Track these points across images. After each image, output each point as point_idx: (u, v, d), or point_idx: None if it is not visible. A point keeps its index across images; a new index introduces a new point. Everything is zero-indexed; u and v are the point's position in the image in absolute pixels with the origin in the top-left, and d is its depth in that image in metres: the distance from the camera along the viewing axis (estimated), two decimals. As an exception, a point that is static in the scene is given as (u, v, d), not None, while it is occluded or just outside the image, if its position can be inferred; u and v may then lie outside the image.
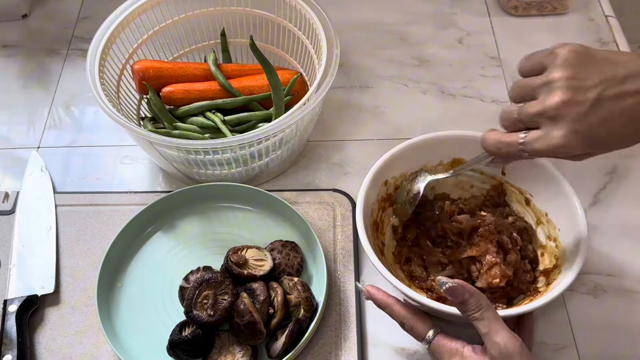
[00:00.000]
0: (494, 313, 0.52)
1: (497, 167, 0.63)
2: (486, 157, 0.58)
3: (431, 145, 0.68)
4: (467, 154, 0.67)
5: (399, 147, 0.67)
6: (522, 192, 0.68)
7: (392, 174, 0.68)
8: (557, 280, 0.60)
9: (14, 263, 0.72)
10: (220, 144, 0.66)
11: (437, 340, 0.56)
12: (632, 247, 0.71)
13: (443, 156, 0.69)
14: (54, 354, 0.66)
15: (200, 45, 0.87)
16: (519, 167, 0.67)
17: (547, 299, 0.56)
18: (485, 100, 0.86)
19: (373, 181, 0.65)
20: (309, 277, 0.70)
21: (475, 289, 0.52)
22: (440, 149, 0.69)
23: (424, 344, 0.57)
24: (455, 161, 0.69)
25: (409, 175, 0.68)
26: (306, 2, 0.78)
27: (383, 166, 0.66)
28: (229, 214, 0.75)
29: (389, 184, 0.68)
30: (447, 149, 0.68)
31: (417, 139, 0.67)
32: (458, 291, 0.52)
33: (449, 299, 0.53)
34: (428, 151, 0.68)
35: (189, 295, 0.63)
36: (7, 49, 0.97)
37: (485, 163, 0.59)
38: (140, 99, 0.83)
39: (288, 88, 0.77)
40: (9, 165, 0.83)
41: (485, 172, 0.70)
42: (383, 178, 0.67)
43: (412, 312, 0.58)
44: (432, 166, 0.69)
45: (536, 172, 0.65)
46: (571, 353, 0.64)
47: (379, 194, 0.67)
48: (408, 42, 0.94)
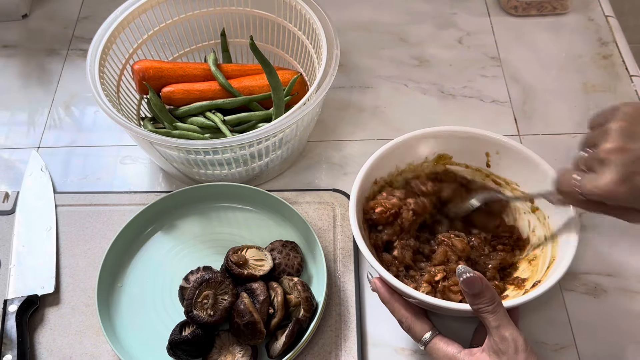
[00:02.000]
0: (504, 309, 0.53)
1: (562, 205, 0.63)
2: (552, 194, 0.60)
3: (416, 142, 0.69)
4: (451, 148, 0.69)
5: (385, 147, 0.67)
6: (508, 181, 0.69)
7: (380, 174, 0.68)
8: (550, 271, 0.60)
9: (14, 263, 0.72)
10: (220, 144, 0.66)
11: (434, 342, 0.57)
12: (632, 247, 0.71)
13: (428, 153, 0.70)
14: (54, 354, 0.66)
15: (200, 45, 0.87)
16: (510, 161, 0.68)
17: (538, 292, 0.56)
18: (485, 100, 0.86)
19: (364, 181, 0.66)
20: (309, 277, 0.70)
21: (489, 283, 0.53)
22: (424, 146, 0.69)
23: (421, 345, 0.58)
24: (440, 157, 0.70)
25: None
26: (306, 2, 0.78)
27: (372, 166, 0.67)
28: (229, 214, 0.75)
29: (378, 182, 0.69)
30: (431, 145, 0.69)
31: (404, 137, 0.68)
32: (476, 282, 0.53)
33: (464, 290, 0.53)
34: (413, 149, 0.69)
35: (189, 295, 0.63)
36: (7, 49, 0.97)
37: (552, 198, 0.61)
38: (140, 99, 0.83)
39: (288, 88, 0.77)
40: (9, 165, 0.83)
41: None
42: (373, 177, 0.68)
43: (412, 312, 0.59)
44: (418, 163, 0.70)
45: (530, 170, 0.66)
46: (571, 353, 0.64)
47: (369, 192, 0.68)
48: (408, 42, 0.94)
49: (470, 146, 0.69)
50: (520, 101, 0.86)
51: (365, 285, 0.69)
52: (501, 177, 0.69)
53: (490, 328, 0.53)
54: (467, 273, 0.53)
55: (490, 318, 0.53)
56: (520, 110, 0.85)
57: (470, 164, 0.70)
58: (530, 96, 0.86)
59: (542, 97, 0.86)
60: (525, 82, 0.88)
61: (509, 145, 0.67)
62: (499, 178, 0.69)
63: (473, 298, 0.53)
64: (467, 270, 0.53)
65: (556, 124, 0.83)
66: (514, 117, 0.84)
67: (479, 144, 0.69)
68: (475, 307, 0.53)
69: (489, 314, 0.53)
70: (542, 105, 0.85)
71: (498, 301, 0.53)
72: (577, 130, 0.82)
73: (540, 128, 0.83)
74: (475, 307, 0.53)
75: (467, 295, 0.53)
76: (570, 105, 0.85)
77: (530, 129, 0.83)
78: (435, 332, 0.57)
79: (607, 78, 0.87)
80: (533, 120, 0.83)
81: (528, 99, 0.86)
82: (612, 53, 0.90)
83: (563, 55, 0.90)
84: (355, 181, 0.65)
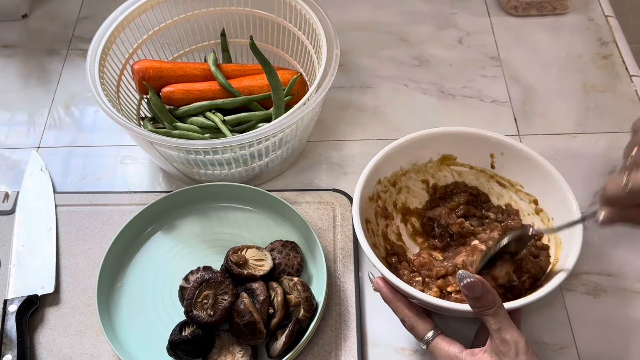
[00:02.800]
0: (505, 311, 0.53)
1: (604, 225, 0.55)
2: (593, 214, 0.54)
3: (420, 143, 0.69)
4: (455, 149, 0.70)
5: (390, 147, 0.68)
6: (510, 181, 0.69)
7: (384, 173, 0.69)
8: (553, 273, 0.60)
9: (14, 263, 0.72)
10: (220, 144, 0.66)
11: (436, 342, 0.57)
12: (632, 247, 0.71)
13: (432, 153, 0.70)
14: (54, 354, 0.66)
15: (200, 45, 0.87)
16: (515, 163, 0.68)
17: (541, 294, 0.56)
18: (485, 100, 0.86)
19: (368, 180, 0.66)
20: (309, 277, 0.70)
21: (490, 287, 0.53)
22: (429, 147, 0.70)
23: (423, 344, 0.58)
24: (444, 157, 0.70)
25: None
26: (306, 2, 0.78)
27: (377, 165, 0.67)
28: (229, 214, 0.75)
29: (382, 182, 0.69)
30: (436, 146, 0.70)
31: (408, 137, 0.68)
32: (477, 287, 0.52)
33: (465, 293, 0.53)
34: (417, 149, 0.69)
35: (189, 295, 0.63)
36: (7, 49, 0.97)
37: (593, 220, 0.55)
38: (140, 99, 0.83)
39: (288, 88, 0.77)
40: (9, 165, 0.83)
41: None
42: (377, 177, 0.68)
43: (414, 311, 0.59)
44: (422, 164, 0.71)
45: (535, 172, 0.66)
46: (571, 353, 0.64)
47: (373, 192, 0.68)
48: (408, 42, 0.94)
49: (474, 147, 0.69)
50: (520, 101, 0.86)
51: (365, 285, 0.69)
52: (505, 179, 0.69)
53: (492, 330, 0.53)
54: (468, 278, 0.53)
55: (491, 320, 0.53)
56: (520, 110, 0.85)
57: (475, 165, 0.70)
58: (530, 96, 0.86)
59: (542, 97, 0.86)
60: (525, 82, 0.88)
61: (514, 147, 0.67)
62: (503, 179, 0.69)
63: (474, 301, 0.53)
64: (468, 275, 0.53)
65: (556, 124, 0.83)
66: (514, 117, 0.84)
67: (483, 145, 0.69)
68: (476, 309, 0.54)
69: (490, 317, 0.53)
70: (542, 105, 0.85)
71: (499, 304, 0.53)
72: (577, 130, 0.82)
73: (540, 128, 0.83)
74: (477, 310, 0.53)
75: (468, 299, 0.54)
76: (570, 105, 0.85)
77: (530, 129, 0.83)
78: (437, 331, 0.58)
79: (607, 78, 0.87)
80: (533, 120, 0.83)
81: (528, 99, 0.86)
82: (612, 53, 0.90)
83: (563, 55, 0.90)
84: (359, 180, 0.65)
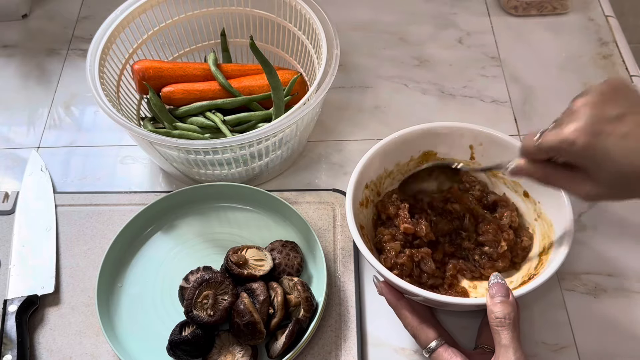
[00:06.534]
0: (519, 332, 0.53)
1: (512, 176, 0.62)
2: (506, 165, 0.58)
3: (401, 142, 0.69)
4: (435, 145, 0.70)
5: (370, 152, 0.67)
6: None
7: (370, 177, 0.68)
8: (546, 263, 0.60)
9: (14, 263, 0.72)
10: (220, 144, 0.66)
11: (439, 352, 0.56)
12: (632, 247, 0.71)
13: (413, 151, 0.71)
14: (54, 354, 0.66)
15: (200, 45, 0.87)
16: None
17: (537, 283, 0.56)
18: (485, 100, 0.86)
19: (356, 187, 0.65)
20: (309, 277, 0.70)
21: (515, 301, 0.53)
22: (410, 145, 0.70)
23: (425, 353, 0.58)
24: (425, 154, 0.71)
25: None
26: (306, 2, 0.78)
27: (362, 171, 0.66)
28: (229, 214, 0.75)
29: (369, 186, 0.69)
30: (418, 143, 0.70)
31: (387, 140, 0.68)
32: (504, 289, 0.53)
33: (490, 293, 0.53)
34: (398, 149, 0.70)
35: (189, 295, 0.63)
36: (7, 49, 0.97)
37: (506, 168, 0.58)
38: (140, 99, 0.83)
39: (288, 88, 0.77)
40: (9, 165, 0.83)
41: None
42: (364, 182, 0.67)
43: (418, 319, 0.58)
44: (404, 163, 0.71)
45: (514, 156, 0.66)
46: (571, 353, 0.64)
47: (362, 197, 0.68)
48: (408, 42, 0.94)
49: (453, 141, 0.70)
50: (520, 101, 0.86)
51: (365, 285, 0.70)
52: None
53: (500, 346, 0.52)
54: (500, 279, 0.54)
55: (502, 334, 0.52)
56: (520, 110, 0.85)
57: (455, 157, 0.71)
58: (530, 96, 0.86)
59: (542, 97, 0.86)
60: (525, 82, 0.88)
61: (490, 135, 0.68)
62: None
63: (495, 306, 0.53)
64: (501, 278, 0.54)
65: (556, 124, 0.83)
66: (514, 117, 0.84)
67: (461, 137, 0.69)
68: (492, 317, 0.53)
69: (502, 329, 0.52)
70: (542, 105, 0.85)
71: (514, 321, 0.52)
72: (577, 130, 0.82)
73: (540, 128, 0.82)
74: (492, 319, 0.53)
75: (489, 303, 0.53)
76: (570, 105, 0.85)
77: (530, 128, 0.82)
78: (440, 341, 0.57)
79: (607, 78, 0.87)
80: (533, 120, 0.83)
81: (528, 99, 0.86)
82: (612, 53, 0.90)
83: (563, 55, 0.90)
84: (348, 187, 0.65)
